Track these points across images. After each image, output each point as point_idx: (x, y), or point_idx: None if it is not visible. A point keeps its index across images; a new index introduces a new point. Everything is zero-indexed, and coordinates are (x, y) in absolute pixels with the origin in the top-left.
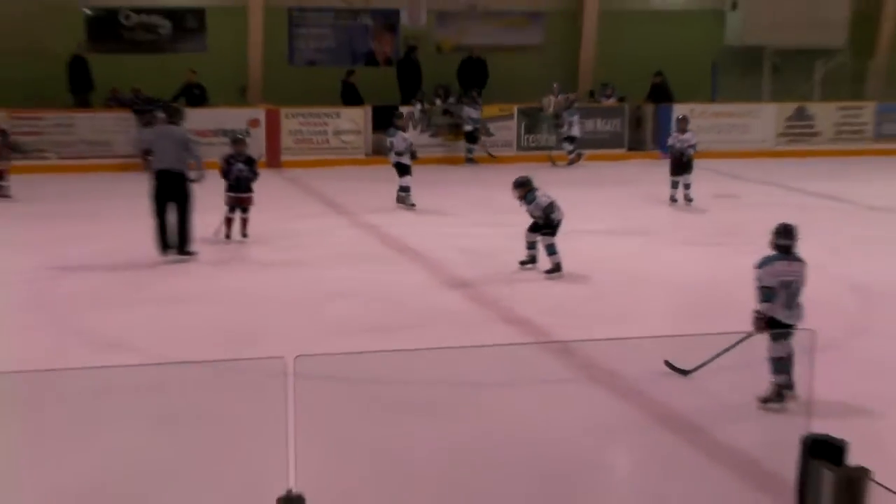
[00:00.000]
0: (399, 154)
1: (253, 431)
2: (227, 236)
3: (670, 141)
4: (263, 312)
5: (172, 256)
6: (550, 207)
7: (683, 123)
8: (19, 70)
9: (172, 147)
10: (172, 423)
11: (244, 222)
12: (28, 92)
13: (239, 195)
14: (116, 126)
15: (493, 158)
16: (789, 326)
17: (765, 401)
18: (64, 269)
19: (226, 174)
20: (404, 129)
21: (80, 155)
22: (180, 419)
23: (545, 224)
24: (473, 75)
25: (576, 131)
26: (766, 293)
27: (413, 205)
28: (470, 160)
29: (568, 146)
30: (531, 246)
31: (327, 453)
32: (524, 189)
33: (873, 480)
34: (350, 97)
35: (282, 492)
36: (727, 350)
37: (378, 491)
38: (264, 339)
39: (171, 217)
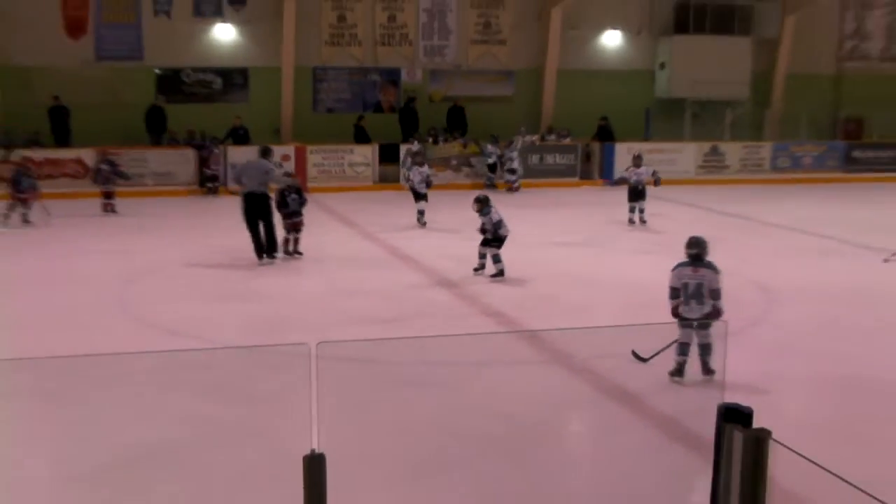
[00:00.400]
0: (413, 184)
1: (283, 402)
2: (287, 252)
3: (627, 174)
4: (294, 306)
5: (266, 261)
6: (500, 224)
7: (638, 160)
8: (105, 117)
9: (258, 175)
10: (220, 394)
11: (296, 241)
12: (111, 134)
13: (294, 220)
14: (177, 160)
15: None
16: (689, 319)
17: (671, 374)
18: (142, 272)
19: (280, 205)
20: (421, 165)
21: (152, 182)
22: (226, 391)
23: (494, 238)
24: (457, 119)
25: (516, 165)
26: (672, 292)
27: (424, 223)
28: (490, 185)
29: (510, 177)
30: (482, 256)
31: (343, 420)
32: (481, 204)
33: (773, 439)
34: (361, 137)
35: (307, 451)
36: (675, 341)
37: (385, 449)
38: (294, 327)
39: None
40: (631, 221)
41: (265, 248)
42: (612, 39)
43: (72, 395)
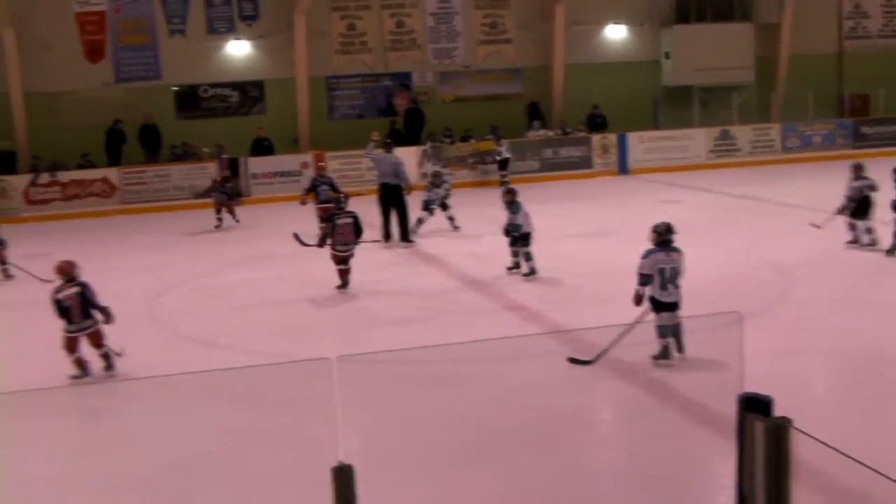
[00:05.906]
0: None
1: (314, 411)
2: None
3: (848, 191)
4: (320, 311)
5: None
6: (516, 224)
7: (859, 170)
8: (129, 135)
9: (389, 168)
10: (253, 405)
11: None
12: (136, 151)
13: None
14: (193, 175)
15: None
16: (667, 303)
17: (655, 357)
18: (170, 285)
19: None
20: (438, 185)
21: (174, 197)
22: (257, 402)
23: (520, 236)
24: (535, 115)
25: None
26: (644, 278)
27: (457, 227)
28: (504, 182)
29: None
30: (515, 255)
31: (371, 421)
32: (512, 196)
33: (794, 427)
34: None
35: (337, 459)
36: (626, 332)
37: (412, 447)
38: (321, 331)
39: (392, 216)
40: (854, 241)
41: (390, 234)
42: (616, 33)
43: (111, 411)
